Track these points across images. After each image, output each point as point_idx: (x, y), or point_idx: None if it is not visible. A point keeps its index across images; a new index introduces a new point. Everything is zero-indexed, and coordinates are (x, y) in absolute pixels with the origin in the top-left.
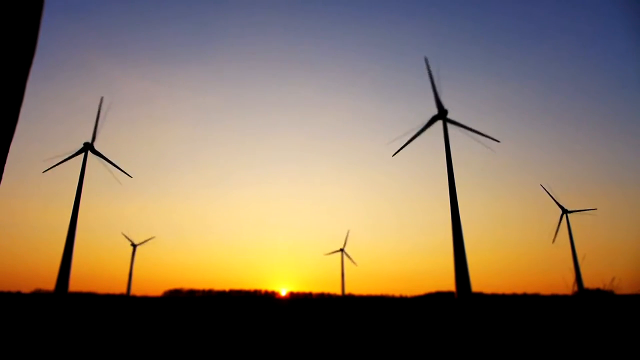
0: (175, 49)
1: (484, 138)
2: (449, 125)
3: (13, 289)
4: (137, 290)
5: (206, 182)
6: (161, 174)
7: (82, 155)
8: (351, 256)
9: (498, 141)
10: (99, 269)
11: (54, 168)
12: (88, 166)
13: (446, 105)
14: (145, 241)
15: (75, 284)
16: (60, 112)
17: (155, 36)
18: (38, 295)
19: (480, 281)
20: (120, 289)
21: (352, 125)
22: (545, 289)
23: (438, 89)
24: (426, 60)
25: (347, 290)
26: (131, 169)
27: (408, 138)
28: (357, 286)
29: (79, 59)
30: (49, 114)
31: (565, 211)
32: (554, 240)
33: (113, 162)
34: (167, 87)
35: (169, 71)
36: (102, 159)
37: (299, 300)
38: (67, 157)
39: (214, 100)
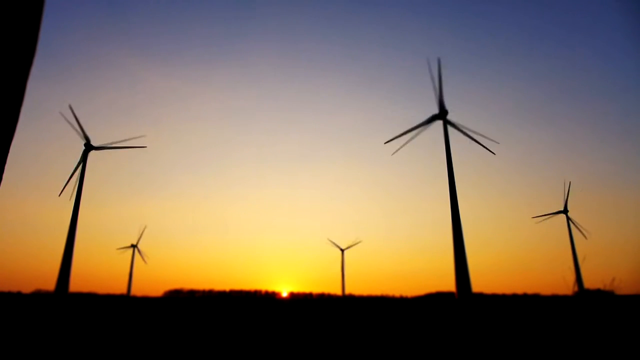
0: (206, 49)
1: (483, 139)
2: (448, 127)
3: (13, 289)
4: (138, 290)
5: (207, 182)
6: (161, 174)
7: (82, 156)
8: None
9: (497, 142)
10: (99, 269)
11: (55, 163)
12: (89, 165)
13: (448, 104)
14: (142, 253)
15: (76, 284)
16: (84, 111)
17: (186, 36)
18: (38, 296)
19: (481, 281)
20: (121, 289)
21: (352, 126)
22: (545, 289)
23: (441, 90)
24: (428, 62)
25: (348, 291)
26: (136, 168)
27: (406, 136)
28: (358, 286)
29: (108, 57)
30: (74, 111)
31: (565, 212)
32: (534, 218)
33: (119, 146)
34: (198, 87)
35: (199, 71)
36: (109, 149)
37: (299, 301)
38: (76, 168)
39: (217, 101)
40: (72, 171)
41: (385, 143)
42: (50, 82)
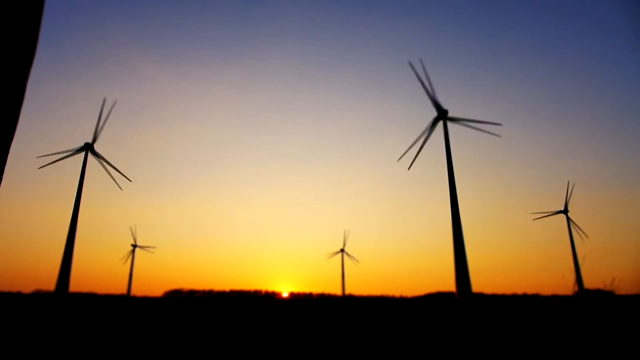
0: (215, 50)
1: (486, 126)
2: (449, 124)
3: (13, 289)
4: (138, 290)
5: (207, 183)
6: (161, 174)
7: (82, 156)
8: (352, 255)
9: (499, 124)
10: (99, 269)
11: (54, 163)
12: (89, 166)
13: (448, 104)
14: (146, 247)
15: (76, 284)
16: (91, 110)
17: (196, 37)
18: (38, 296)
19: (481, 281)
20: (121, 289)
21: (353, 125)
22: (545, 289)
23: (433, 91)
24: (420, 61)
25: (348, 291)
26: (137, 168)
27: (416, 146)
28: (358, 286)
29: (118, 57)
30: (79, 111)
31: (565, 212)
32: (533, 214)
33: (112, 165)
34: (205, 88)
35: (208, 72)
36: (101, 162)
37: (299, 301)
38: (65, 154)
39: (222, 102)
40: (65, 156)
41: (399, 160)
42: (57, 81)
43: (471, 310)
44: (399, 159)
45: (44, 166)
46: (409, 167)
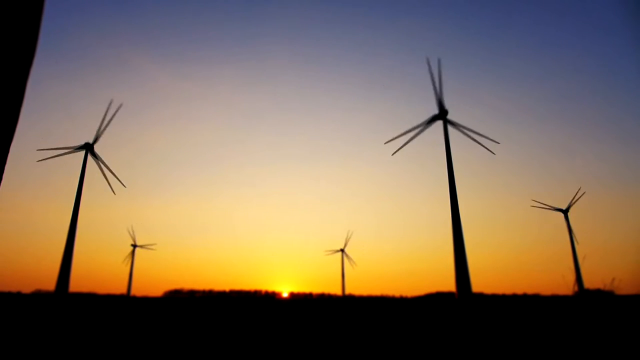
0: (216, 50)
1: (483, 140)
2: (448, 127)
3: (13, 289)
4: (138, 290)
5: (208, 183)
6: (161, 174)
7: (82, 156)
8: (351, 257)
9: (497, 142)
10: (99, 269)
11: (56, 162)
12: (88, 166)
13: (448, 105)
14: (147, 246)
15: (76, 284)
16: (93, 110)
17: (198, 37)
18: (38, 296)
19: (481, 281)
20: (121, 289)
21: (353, 125)
22: (545, 289)
23: (440, 90)
24: (428, 61)
25: (348, 291)
26: (138, 168)
27: (406, 136)
28: (358, 286)
29: (119, 57)
30: (80, 111)
31: (565, 211)
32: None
33: (109, 168)
34: (206, 88)
35: (210, 72)
36: (99, 163)
37: (299, 301)
38: (65, 151)
39: (222, 103)
40: (64, 153)
41: (386, 143)
42: (57, 81)
43: (471, 310)
44: (387, 143)
45: (42, 160)
46: (393, 153)
